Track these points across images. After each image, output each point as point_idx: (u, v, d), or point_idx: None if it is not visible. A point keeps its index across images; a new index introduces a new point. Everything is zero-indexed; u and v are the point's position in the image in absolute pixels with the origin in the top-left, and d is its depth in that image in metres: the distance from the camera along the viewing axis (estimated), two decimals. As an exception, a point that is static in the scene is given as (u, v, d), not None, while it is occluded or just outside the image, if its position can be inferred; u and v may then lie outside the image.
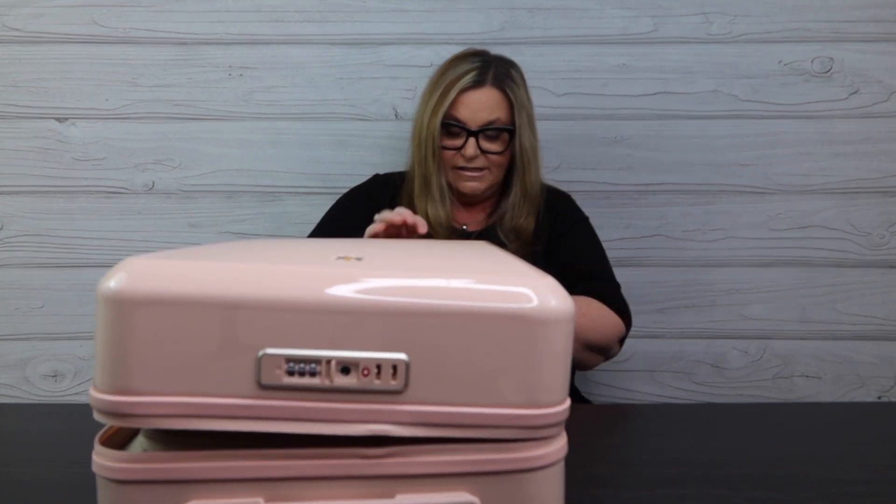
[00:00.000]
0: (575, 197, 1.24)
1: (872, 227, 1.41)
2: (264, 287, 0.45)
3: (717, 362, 1.44)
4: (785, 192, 1.41)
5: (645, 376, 1.44)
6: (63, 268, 1.42)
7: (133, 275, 0.45)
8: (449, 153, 1.16)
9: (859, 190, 1.40)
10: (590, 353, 1.07)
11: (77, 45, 1.39)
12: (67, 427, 0.82)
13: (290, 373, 0.45)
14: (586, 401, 1.26)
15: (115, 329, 0.44)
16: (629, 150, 1.41)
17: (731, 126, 1.40)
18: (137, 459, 0.45)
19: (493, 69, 1.14)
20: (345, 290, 0.46)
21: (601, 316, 1.06)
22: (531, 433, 0.47)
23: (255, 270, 0.46)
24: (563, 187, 1.34)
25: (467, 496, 0.47)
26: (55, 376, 1.43)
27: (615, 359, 1.45)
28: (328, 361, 0.45)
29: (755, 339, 1.43)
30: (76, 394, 1.44)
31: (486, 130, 1.13)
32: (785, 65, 1.39)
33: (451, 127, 1.14)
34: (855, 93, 1.39)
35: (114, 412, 0.45)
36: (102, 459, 0.46)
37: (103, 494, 0.46)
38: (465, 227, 1.22)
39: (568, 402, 0.49)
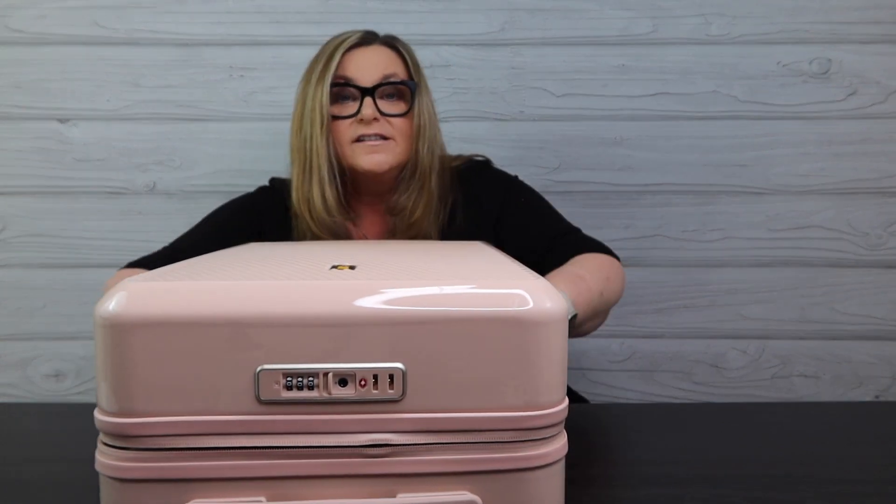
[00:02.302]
0: (574, 197, 1.23)
1: (871, 227, 1.41)
2: (259, 304, 0.46)
3: (717, 362, 1.44)
4: (784, 193, 1.41)
5: (644, 376, 1.45)
6: (64, 268, 1.42)
7: (130, 298, 0.46)
8: (343, 124, 1.00)
9: (858, 190, 1.41)
10: (607, 314, 0.98)
11: (79, 47, 1.40)
12: (70, 426, 0.82)
13: (289, 387, 0.46)
14: (585, 401, 1.27)
15: (115, 352, 0.45)
16: (629, 150, 1.42)
17: (730, 127, 1.41)
18: (140, 458, 0.46)
19: (379, 35, 1.07)
20: (339, 303, 0.46)
21: (610, 269, 0.95)
22: (530, 434, 0.47)
23: (249, 288, 0.47)
24: (563, 188, 1.34)
25: (469, 495, 0.47)
26: (57, 376, 1.44)
27: (615, 358, 1.45)
28: (325, 374, 0.46)
29: (754, 339, 1.43)
30: (78, 393, 1.44)
31: (383, 86, 1.00)
32: (784, 66, 1.40)
33: (341, 89, 1.00)
34: (853, 94, 1.40)
35: (119, 434, 0.46)
36: (105, 458, 0.46)
37: (106, 493, 0.47)
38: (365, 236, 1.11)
39: (566, 402, 0.49)
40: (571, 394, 1.22)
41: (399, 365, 0.46)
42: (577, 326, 0.84)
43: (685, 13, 1.40)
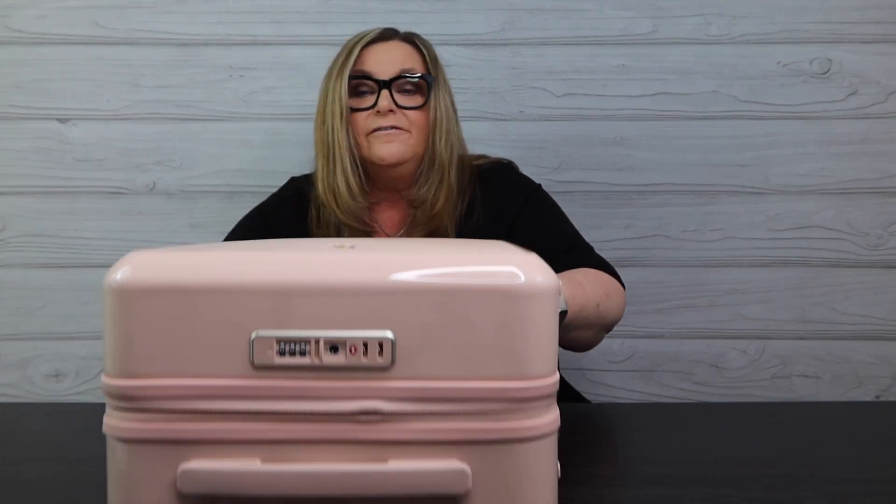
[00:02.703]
0: (574, 197, 1.23)
1: (871, 227, 1.41)
2: (255, 273, 0.48)
3: (717, 362, 1.44)
4: (784, 193, 1.41)
5: (645, 376, 1.45)
6: (64, 268, 1.42)
7: (136, 267, 0.48)
8: (361, 116, 1.03)
9: (858, 190, 1.41)
10: (604, 332, 0.99)
11: (79, 47, 1.40)
12: (70, 426, 0.82)
13: (282, 353, 0.47)
14: (586, 401, 1.27)
15: (121, 317, 0.48)
16: (629, 150, 1.42)
17: (730, 127, 1.41)
18: (140, 419, 0.48)
19: (399, 32, 1.10)
20: (331, 272, 0.48)
21: (611, 288, 0.95)
22: (519, 405, 0.48)
23: (246, 259, 0.50)
24: (563, 188, 1.34)
25: (458, 464, 0.48)
26: (57, 376, 1.44)
27: (615, 359, 1.45)
28: (317, 341, 0.47)
29: (754, 339, 1.43)
30: (78, 393, 1.44)
31: (399, 79, 1.03)
32: (784, 66, 1.40)
33: (359, 83, 1.04)
34: (853, 94, 1.40)
35: (122, 395, 0.48)
36: (110, 419, 0.49)
37: (111, 454, 0.49)
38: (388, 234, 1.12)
39: (556, 376, 0.50)
40: (573, 394, 1.22)
41: (388, 334, 0.47)
42: (566, 328, 0.81)
43: (685, 13, 1.40)
